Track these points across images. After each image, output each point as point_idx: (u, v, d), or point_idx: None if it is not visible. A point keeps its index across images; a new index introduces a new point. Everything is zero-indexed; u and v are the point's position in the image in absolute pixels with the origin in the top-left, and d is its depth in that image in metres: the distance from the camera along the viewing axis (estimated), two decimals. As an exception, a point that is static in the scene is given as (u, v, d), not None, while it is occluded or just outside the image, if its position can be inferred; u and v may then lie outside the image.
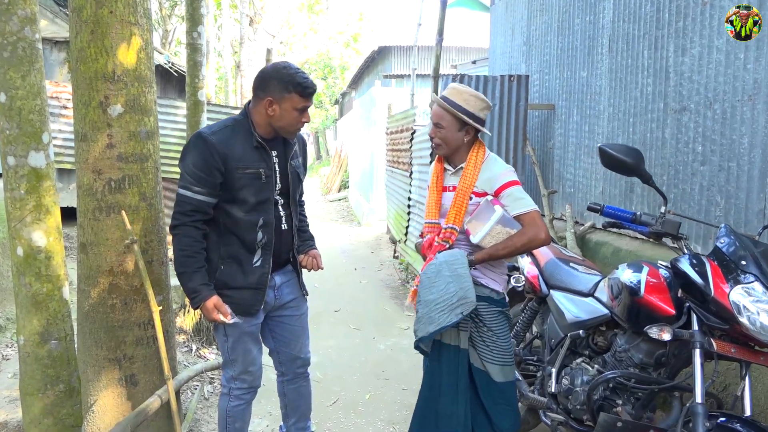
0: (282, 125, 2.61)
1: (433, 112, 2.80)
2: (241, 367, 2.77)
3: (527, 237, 2.58)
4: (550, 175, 6.31)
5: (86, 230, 2.77)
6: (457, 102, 2.71)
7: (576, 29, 5.81)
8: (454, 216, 2.73)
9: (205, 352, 4.59)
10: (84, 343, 2.85)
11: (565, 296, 3.20)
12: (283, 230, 2.74)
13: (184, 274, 2.52)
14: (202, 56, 4.61)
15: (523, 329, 3.53)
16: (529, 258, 3.59)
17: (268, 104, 2.56)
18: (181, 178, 2.55)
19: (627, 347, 2.74)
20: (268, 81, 2.56)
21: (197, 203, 2.52)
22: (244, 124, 2.61)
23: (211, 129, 2.58)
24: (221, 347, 2.77)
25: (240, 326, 2.68)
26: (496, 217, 2.57)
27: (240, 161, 2.54)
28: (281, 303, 2.83)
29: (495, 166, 2.74)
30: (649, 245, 4.56)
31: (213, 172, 2.50)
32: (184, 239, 2.52)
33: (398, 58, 18.01)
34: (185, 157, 2.54)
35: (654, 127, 4.55)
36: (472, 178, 2.71)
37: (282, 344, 2.94)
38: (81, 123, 2.73)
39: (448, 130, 2.73)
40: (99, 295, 2.79)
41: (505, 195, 2.65)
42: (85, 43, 2.68)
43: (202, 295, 2.53)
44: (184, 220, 2.52)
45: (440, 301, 2.55)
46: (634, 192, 4.81)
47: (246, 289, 2.64)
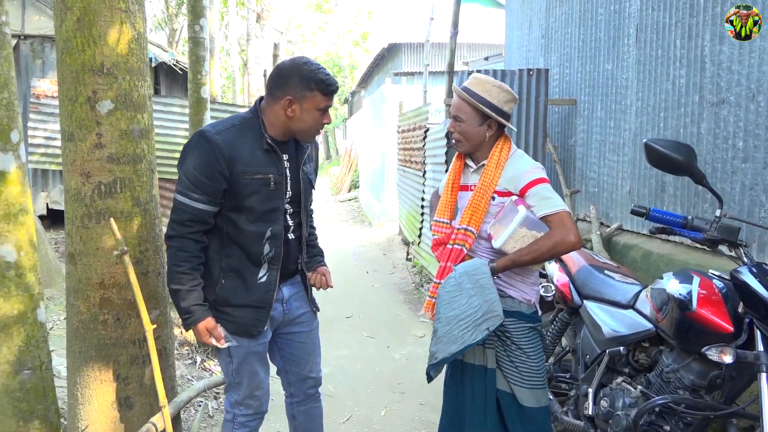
0: (302, 127, 2.33)
1: (453, 103, 2.53)
2: (247, 391, 2.48)
3: (554, 240, 2.29)
4: (572, 174, 6.01)
5: (74, 239, 2.52)
6: (479, 93, 2.46)
7: (600, 19, 5.50)
8: (469, 216, 2.45)
9: (210, 365, 4.33)
10: (73, 363, 2.59)
11: (601, 308, 2.91)
12: (291, 240, 2.45)
13: (178, 293, 2.25)
14: (205, 51, 4.35)
15: (552, 342, 3.24)
16: (557, 264, 3.30)
17: (288, 104, 2.28)
18: (180, 183, 2.26)
19: (676, 367, 2.45)
20: (288, 78, 2.27)
21: (196, 212, 2.24)
22: (254, 124, 2.33)
23: (215, 127, 2.28)
24: (224, 368, 2.49)
25: (246, 345, 2.41)
26: (520, 219, 2.31)
27: (248, 165, 2.26)
28: (290, 318, 2.55)
29: (521, 162, 2.48)
30: (683, 248, 4.26)
31: (216, 177, 2.21)
32: (180, 253, 2.24)
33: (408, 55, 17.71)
34: (185, 159, 2.25)
35: (688, 121, 4.24)
36: (493, 176, 2.45)
37: (291, 363, 2.66)
38: (67, 121, 2.48)
39: (469, 123, 2.47)
40: (89, 310, 2.53)
41: (531, 194, 2.38)
42: (71, 33, 2.42)
43: (195, 317, 2.26)
44: (182, 231, 2.24)
45: (463, 317, 2.29)
46: (665, 191, 4.50)
47: (248, 307, 2.37)
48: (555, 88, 6.38)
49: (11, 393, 2.10)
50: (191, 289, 2.25)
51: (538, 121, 5.73)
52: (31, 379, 2.10)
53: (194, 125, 4.39)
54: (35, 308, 1.90)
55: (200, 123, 4.38)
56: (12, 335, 1.97)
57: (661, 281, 2.62)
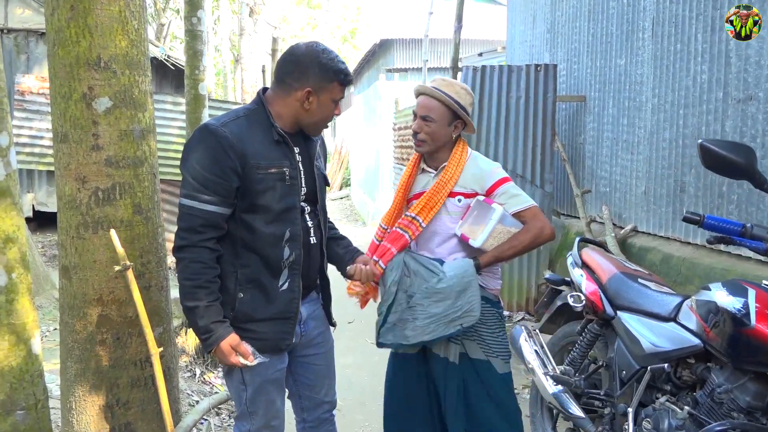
0: (314, 120, 2.13)
1: (421, 103, 2.53)
2: (263, 421, 2.22)
3: (533, 233, 2.49)
4: (581, 173, 5.82)
5: (69, 251, 2.28)
6: (450, 94, 2.51)
7: (611, 13, 5.31)
8: (421, 207, 2.53)
9: (210, 377, 4.09)
10: (68, 387, 2.36)
11: (638, 320, 2.70)
12: (312, 245, 2.22)
13: (195, 310, 1.98)
14: (203, 44, 4.10)
15: (581, 356, 3.03)
16: (585, 272, 3.10)
17: (306, 96, 2.06)
18: (185, 185, 2.01)
19: (729, 387, 2.25)
20: (307, 68, 2.06)
21: (208, 216, 1.98)
22: (260, 115, 2.10)
23: (219, 120, 2.05)
24: (236, 397, 2.22)
25: (262, 373, 2.14)
26: (497, 216, 2.45)
27: (260, 159, 2.02)
28: (306, 339, 2.31)
29: (482, 163, 2.61)
30: (705, 252, 4.08)
31: (227, 173, 1.97)
32: (192, 265, 1.98)
33: (401, 51, 17.43)
34: (189, 157, 2.00)
35: (711, 119, 4.05)
36: (453, 175, 2.53)
37: (306, 388, 2.40)
38: (60, 120, 2.24)
39: (439, 124, 2.51)
40: (86, 328, 2.30)
41: (500, 193, 2.53)
42: (64, 22, 2.18)
43: (217, 335, 2.00)
44: (193, 239, 1.98)
45: (444, 315, 2.45)
46: (685, 192, 4.32)
47: (272, 320, 2.12)
48: (562, 84, 6.18)
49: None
50: (209, 305, 1.99)
51: (546, 118, 5.52)
52: (24, 420, 1.84)
53: (192, 123, 4.15)
54: (29, 339, 1.66)
55: (198, 121, 4.13)
56: (2, 371, 1.70)
57: (708, 292, 2.42)
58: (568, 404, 2.87)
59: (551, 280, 3.34)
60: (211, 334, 2.00)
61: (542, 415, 3.29)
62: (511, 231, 2.47)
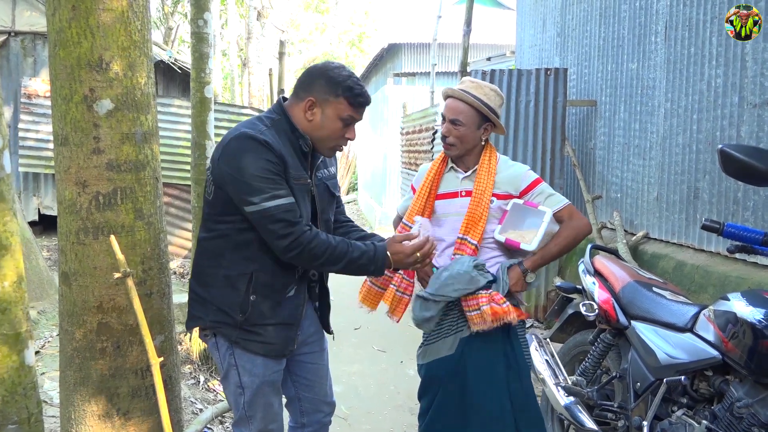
0: (321, 135, 2.12)
1: (450, 107, 2.49)
2: (260, 425, 2.22)
3: (575, 230, 2.49)
4: (592, 179, 5.73)
5: (69, 257, 2.22)
6: (480, 96, 2.49)
7: (623, 16, 5.23)
8: (466, 227, 2.49)
9: (214, 384, 4.03)
10: (67, 396, 2.30)
11: (653, 330, 2.62)
12: None
13: (348, 265, 2.05)
14: (209, 47, 4.05)
15: (593, 366, 2.95)
16: (598, 280, 3.02)
17: (308, 106, 2.08)
18: (255, 193, 1.96)
19: (749, 402, 2.17)
20: (314, 80, 2.09)
21: (294, 207, 2.00)
22: (283, 125, 2.10)
23: (252, 129, 2.04)
24: (233, 401, 2.22)
25: (260, 374, 2.15)
26: (549, 218, 2.45)
27: (293, 168, 2.06)
28: (302, 339, 2.30)
29: (512, 165, 2.62)
30: (720, 259, 3.99)
31: (279, 173, 2.00)
32: (317, 247, 2.00)
33: (409, 55, 17.37)
34: (243, 167, 1.97)
35: (726, 124, 3.97)
36: (487, 182, 2.51)
37: (305, 389, 2.39)
38: (61, 123, 2.18)
39: (468, 127, 2.49)
40: (85, 336, 2.24)
41: (536, 193, 2.54)
42: (65, 23, 2.12)
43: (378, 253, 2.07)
44: (300, 229, 1.99)
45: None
46: (699, 198, 4.23)
47: (280, 325, 2.13)
48: (572, 89, 6.11)
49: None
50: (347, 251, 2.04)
51: (556, 123, 5.44)
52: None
53: (197, 127, 4.09)
54: (22, 350, 1.60)
55: (203, 124, 4.08)
56: (-6, 383, 1.66)
57: (726, 302, 2.34)
58: (580, 416, 2.79)
59: (562, 287, 3.26)
60: (374, 252, 2.07)
61: (553, 426, 3.21)
62: (553, 231, 2.49)
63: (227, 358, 2.17)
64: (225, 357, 2.18)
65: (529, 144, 5.45)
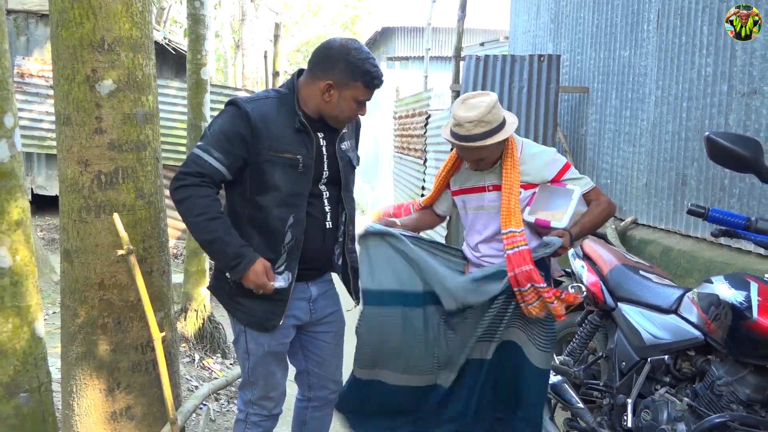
0: (334, 114, 2.19)
1: (468, 152, 2.46)
2: (262, 391, 2.32)
3: (604, 207, 2.55)
4: (583, 165, 5.81)
5: (71, 234, 2.27)
6: (486, 131, 2.38)
7: (616, 4, 5.28)
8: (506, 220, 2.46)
9: (209, 362, 4.10)
10: (69, 371, 2.36)
11: (639, 312, 2.71)
12: (327, 229, 2.27)
13: (215, 241, 2.06)
14: (206, 28, 4.07)
15: (580, 346, 3.04)
16: (584, 262, 3.10)
17: (326, 88, 2.14)
18: (202, 139, 2.14)
19: (729, 380, 2.26)
20: (335, 62, 2.13)
21: (211, 169, 2.08)
22: (289, 100, 2.18)
23: (250, 97, 2.19)
24: (241, 364, 2.33)
25: (265, 344, 2.24)
26: (578, 197, 2.50)
27: (275, 141, 2.12)
28: (317, 318, 2.37)
29: (538, 153, 2.58)
30: (706, 245, 4.08)
31: (237, 141, 2.09)
32: (200, 200, 2.05)
33: (402, 39, 17.34)
34: (214, 121, 2.17)
35: (714, 112, 4.04)
36: (514, 176, 2.48)
37: (315, 364, 2.46)
38: (63, 103, 2.22)
39: (492, 152, 2.47)
40: (87, 312, 2.30)
41: (566, 178, 2.55)
42: (68, 3, 2.16)
43: (249, 258, 2.07)
44: (195, 181, 2.07)
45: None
46: (687, 185, 4.31)
47: (264, 299, 2.17)
48: (565, 75, 6.16)
49: (5, 420, 1.81)
50: (228, 232, 2.07)
51: (548, 109, 5.50)
52: (28, 403, 1.84)
53: (193, 108, 4.13)
54: (33, 321, 1.66)
55: (200, 106, 4.11)
56: (6, 353, 1.69)
57: (710, 285, 2.42)
58: (567, 394, 2.88)
59: (552, 270, 3.33)
60: (242, 258, 2.07)
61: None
62: (581, 210, 2.54)
63: (237, 323, 2.27)
64: (236, 322, 2.28)
65: (521, 130, 5.51)
